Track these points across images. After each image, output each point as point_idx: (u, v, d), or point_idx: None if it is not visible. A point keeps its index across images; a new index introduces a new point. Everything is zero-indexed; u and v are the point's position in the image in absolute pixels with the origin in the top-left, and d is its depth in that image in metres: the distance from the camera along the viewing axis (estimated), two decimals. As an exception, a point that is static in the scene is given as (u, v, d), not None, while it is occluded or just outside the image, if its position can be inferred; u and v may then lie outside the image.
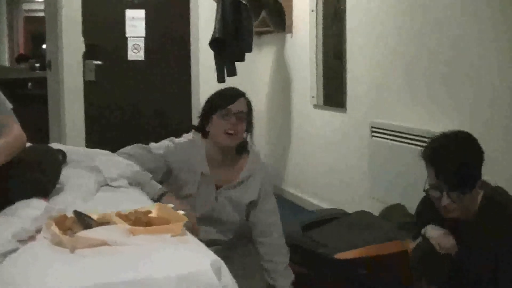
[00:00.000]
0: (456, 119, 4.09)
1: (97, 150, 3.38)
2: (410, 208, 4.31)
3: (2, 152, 2.40)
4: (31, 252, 2.00)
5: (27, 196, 2.39)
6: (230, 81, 6.03)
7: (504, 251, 2.64)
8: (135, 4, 6.89)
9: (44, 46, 8.16)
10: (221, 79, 6.34)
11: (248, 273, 3.19)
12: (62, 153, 3.07)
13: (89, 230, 2.07)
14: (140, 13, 6.91)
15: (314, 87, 6.18)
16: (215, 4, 6.38)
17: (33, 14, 14.70)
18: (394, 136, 4.68)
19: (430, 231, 2.83)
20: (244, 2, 6.19)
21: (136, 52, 6.91)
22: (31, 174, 2.47)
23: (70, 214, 2.19)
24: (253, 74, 7.24)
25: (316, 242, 3.79)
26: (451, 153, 2.67)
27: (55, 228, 2.07)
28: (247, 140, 3.27)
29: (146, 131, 6.71)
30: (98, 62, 6.78)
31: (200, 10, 7.01)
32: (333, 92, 5.93)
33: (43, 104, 7.06)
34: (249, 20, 6.26)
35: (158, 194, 2.94)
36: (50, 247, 2.04)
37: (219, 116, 3.13)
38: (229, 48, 6.30)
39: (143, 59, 6.96)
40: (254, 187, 3.22)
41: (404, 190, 4.45)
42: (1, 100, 2.65)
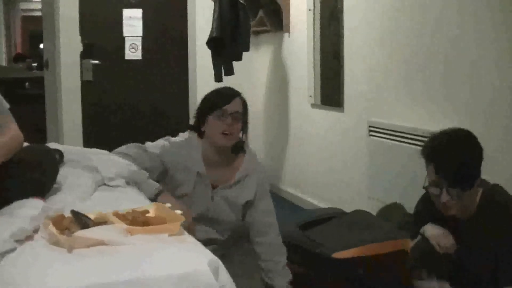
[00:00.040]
0: (454, 118, 4.09)
1: (94, 150, 3.38)
2: (408, 207, 4.31)
3: (-1, 151, 2.40)
4: (30, 252, 1.99)
5: (25, 195, 2.39)
6: (227, 80, 6.04)
7: (504, 251, 2.64)
8: (132, 4, 6.88)
9: (41, 45, 8.15)
10: (218, 78, 6.34)
11: (248, 273, 3.19)
12: (60, 153, 3.07)
13: (87, 230, 2.07)
14: (138, 12, 6.90)
15: (312, 87, 6.18)
16: (212, 3, 6.38)
17: (30, 14, 14.69)
18: (391, 135, 4.68)
19: (429, 230, 2.82)
20: (241, 1, 6.20)
21: (133, 51, 6.91)
22: (28, 174, 2.47)
23: (67, 214, 2.19)
24: (251, 73, 7.25)
25: (314, 242, 3.78)
26: (451, 150, 2.67)
27: (52, 228, 2.07)
28: (243, 140, 3.26)
29: (143, 130, 6.70)
30: (96, 62, 6.77)
31: (197, 9, 7.01)
32: (331, 92, 5.93)
33: (40, 103, 7.05)
34: (246, 19, 6.26)
35: (155, 192, 2.94)
36: (48, 247, 2.03)
37: (215, 116, 3.12)
38: (227, 47, 6.30)
39: (140, 58, 6.95)
40: (250, 187, 3.21)
41: (402, 189, 4.45)
42: (-2, 100, 2.65)
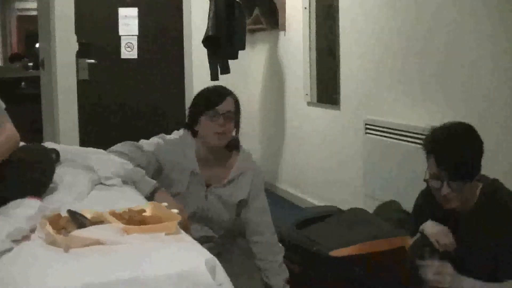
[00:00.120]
0: (450, 116, 4.08)
1: (90, 149, 3.37)
2: (405, 204, 4.32)
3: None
4: (28, 252, 1.99)
5: (21, 195, 2.39)
6: (223, 79, 6.04)
7: (504, 250, 2.63)
8: (128, 2, 6.87)
9: (37, 45, 8.13)
10: (214, 77, 6.34)
11: (248, 273, 3.19)
12: (56, 152, 3.07)
13: (83, 229, 2.07)
14: (133, 11, 6.90)
15: (308, 85, 6.19)
16: (208, 2, 6.38)
17: (26, 13, 14.66)
18: (388, 133, 4.68)
19: (428, 228, 2.81)
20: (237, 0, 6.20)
21: (129, 50, 6.90)
22: (25, 174, 2.47)
23: (64, 213, 2.19)
24: (247, 72, 7.25)
25: (311, 240, 3.78)
26: (452, 142, 2.66)
27: (49, 228, 2.07)
28: (237, 138, 3.26)
29: (140, 129, 6.70)
30: (92, 61, 6.76)
31: (193, 8, 7.01)
32: (327, 89, 5.94)
33: (36, 103, 7.05)
34: (242, 17, 6.27)
35: (152, 190, 2.94)
36: (45, 246, 2.03)
37: (207, 117, 3.10)
38: (222, 46, 6.30)
39: (136, 57, 6.94)
40: (244, 186, 3.21)
41: (398, 187, 4.46)
42: (-6, 99, 2.65)
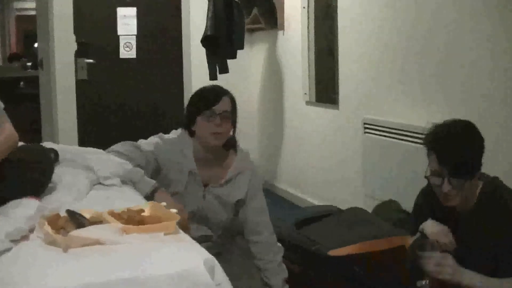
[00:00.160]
0: (449, 115, 4.07)
1: (89, 149, 3.37)
2: (404, 204, 4.32)
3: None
4: (28, 252, 1.99)
5: (20, 195, 2.39)
6: (222, 79, 6.04)
7: (504, 250, 2.63)
8: (126, 2, 6.86)
9: (36, 45, 8.13)
10: (213, 77, 6.34)
11: (248, 273, 3.19)
12: (55, 152, 3.06)
13: (82, 229, 2.07)
14: (132, 11, 6.89)
15: (306, 84, 6.19)
16: (206, 1, 6.38)
17: (24, 13, 14.65)
18: (386, 132, 4.68)
19: (428, 228, 2.80)
20: (236, -1, 6.21)
21: (128, 50, 6.90)
22: (23, 174, 2.47)
23: (63, 213, 2.19)
24: (245, 71, 7.25)
25: (310, 239, 3.79)
26: (454, 139, 2.66)
27: (48, 228, 2.07)
28: (234, 137, 3.26)
29: (138, 129, 6.69)
30: (90, 61, 6.75)
31: (191, 7, 7.00)
32: (325, 89, 5.94)
33: (35, 103, 7.05)
34: (240, 17, 6.27)
35: (151, 190, 2.95)
36: (44, 246, 2.03)
37: (204, 117, 3.10)
38: (221, 45, 6.30)
39: (135, 57, 6.93)
40: (242, 186, 3.21)
41: (397, 186, 4.46)
42: (-8, 99, 2.65)
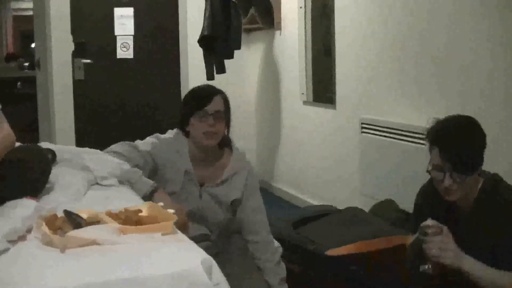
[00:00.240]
0: (446, 114, 4.10)
1: (87, 149, 3.36)
2: (401, 203, 4.33)
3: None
4: (27, 252, 1.99)
5: (18, 195, 2.38)
6: (219, 78, 6.04)
7: (503, 248, 2.62)
8: (123, 2, 6.87)
9: (33, 45, 8.14)
10: (210, 77, 6.34)
11: (247, 272, 3.18)
12: (52, 152, 3.06)
13: (80, 230, 2.06)
14: (129, 11, 6.89)
15: (304, 84, 6.19)
16: (203, 1, 6.38)
17: (21, 13, 14.65)
18: (384, 132, 4.69)
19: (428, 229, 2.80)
20: (232, -1, 6.21)
21: (125, 50, 6.90)
22: (21, 174, 2.47)
23: (60, 214, 2.19)
24: (242, 71, 7.25)
25: (307, 239, 3.79)
26: (457, 134, 2.67)
27: (45, 228, 2.07)
28: (228, 136, 3.27)
29: (136, 129, 6.69)
30: (87, 61, 6.75)
31: (188, 7, 7.00)
32: (323, 89, 5.94)
33: (32, 103, 7.04)
34: (237, 17, 6.27)
35: (150, 190, 2.95)
36: (41, 247, 2.03)
37: (196, 118, 3.11)
38: (218, 45, 6.30)
39: (132, 57, 6.94)
40: (238, 185, 3.21)
41: (394, 186, 4.46)
42: (-10, 99, 2.65)
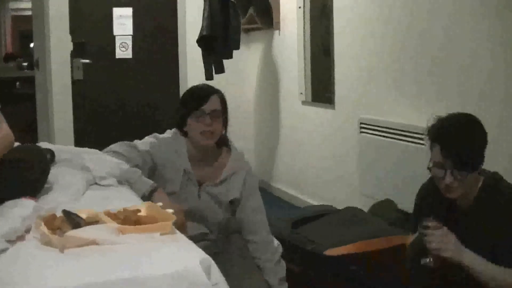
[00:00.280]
0: (445, 114, 4.10)
1: (85, 149, 3.36)
2: (400, 203, 4.33)
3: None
4: (26, 252, 1.99)
5: (16, 195, 2.38)
6: (218, 78, 6.04)
7: (503, 246, 2.62)
8: (122, 2, 6.86)
9: (31, 45, 8.12)
10: (209, 77, 6.34)
11: (247, 272, 3.18)
12: (51, 152, 3.06)
13: (78, 230, 2.07)
14: (128, 11, 6.89)
15: (302, 84, 6.19)
16: (202, 1, 6.38)
17: (20, 13, 14.64)
18: (382, 132, 4.69)
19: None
20: (231, -1, 6.21)
21: (124, 50, 6.89)
22: (20, 174, 2.47)
23: (59, 214, 2.19)
24: (241, 71, 7.25)
25: (306, 239, 3.79)
26: (458, 131, 2.67)
27: (44, 228, 2.07)
28: (226, 136, 3.27)
29: (135, 129, 6.68)
30: (86, 61, 6.75)
31: (187, 7, 7.00)
32: (322, 89, 5.94)
33: (31, 103, 7.03)
34: (236, 17, 6.27)
35: (149, 190, 2.95)
36: (40, 247, 2.03)
37: (193, 118, 3.11)
38: (217, 45, 6.30)
39: (131, 57, 6.93)
40: (237, 185, 3.21)
41: (393, 186, 4.47)
42: (-12, 99, 2.65)
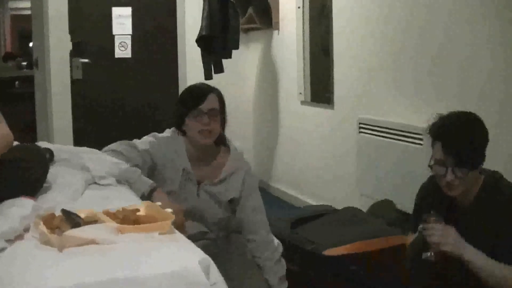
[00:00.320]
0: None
1: (84, 148, 3.36)
2: (398, 204, 4.33)
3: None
4: (25, 251, 1.99)
5: (15, 194, 2.38)
6: (217, 78, 6.04)
7: (502, 246, 2.63)
8: (121, 2, 6.86)
9: (31, 44, 8.12)
10: (208, 76, 6.34)
11: (248, 272, 3.18)
12: (50, 152, 3.07)
13: (77, 229, 2.06)
14: (127, 10, 6.89)
15: (302, 84, 6.19)
16: (201, 1, 6.38)
17: (19, 12, 14.65)
18: (382, 132, 4.69)
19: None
20: (231, -1, 6.21)
21: (123, 49, 6.89)
22: (19, 173, 2.47)
23: (58, 213, 2.18)
24: (240, 71, 7.25)
25: (305, 239, 3.79)
26: (460, 128, 2.67)
27: (43, 227, 2.07)
28: (224, 134, 3.28)
29: (134, 128, 6.68)
30: (85, 60, 6.75)
31: (187, 7, 7.00)
32: (321, 89, 5.94)
33: (30, 102, 7.03)
34: (236, 17, 6.27)
35: (149, 189, 2.95)
36: (39, 246, 2.03)
37: (191, 117, 3.12)
38: (216, 45, 6.30)
39: (130, 56, 6.94)
40: (236, 185, 3.22)
41: (392, 186, 4.47)
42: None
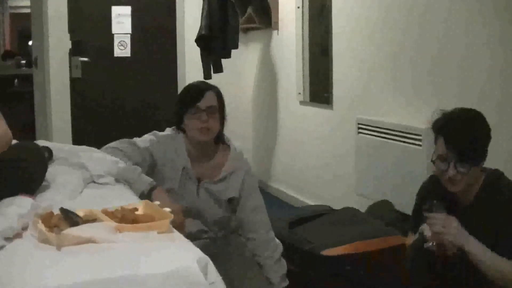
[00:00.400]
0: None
1: (83, 147, 3.37)
2: (396, 204, 4.34)
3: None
4: (24, 250, 1.99)
5: (13, 193, 2.38)
6: (216, 78, 6.04)
7: (504, 250, 2.62)
8: (121, 1, 6.86)
9: (30, 43, 8.13)
10: (207, 76, 6.35)
11: (247, 273, 3.18)
12: (49, 150, 3.07)
13: (76, 228, 2.06)
14: (126, 9, 6.89)
15: (301, 84, 6.20)
16: (201, 0, 6.38)
17: (19, 11, 14.64)
18: (380, 132, 4.69)
19: (427, 230, 2.80)
20: (230, -1, 6.21)
21: (122, 48, 6.89)
22: (17, 172, 2.47)
23: (56, 211, 2.18)
24: (240, 70, 7.25)
25: (304, 239, 3.79)
26: (463, 124, 2.69)
27: (41, 226, 2.07)
28: (223, 133, 3.28)
29: (133, 127, 6.67)
30: (84, 59, 6.75)
31: (186, 7, 7.00)
32: (320, 89, 5.94)
33: (29, 101, 7.04)
34: (235, 16, 6.27)
35: (149, 188, 2.95)
36: (37, 245, 2.03)
37: (190, 115, 3.13)
38: (215, 44, 6.30)
39: (129, 55, 6.94)
40: (235, 184, 3.22)
41: (390, 187, 4.47)
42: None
